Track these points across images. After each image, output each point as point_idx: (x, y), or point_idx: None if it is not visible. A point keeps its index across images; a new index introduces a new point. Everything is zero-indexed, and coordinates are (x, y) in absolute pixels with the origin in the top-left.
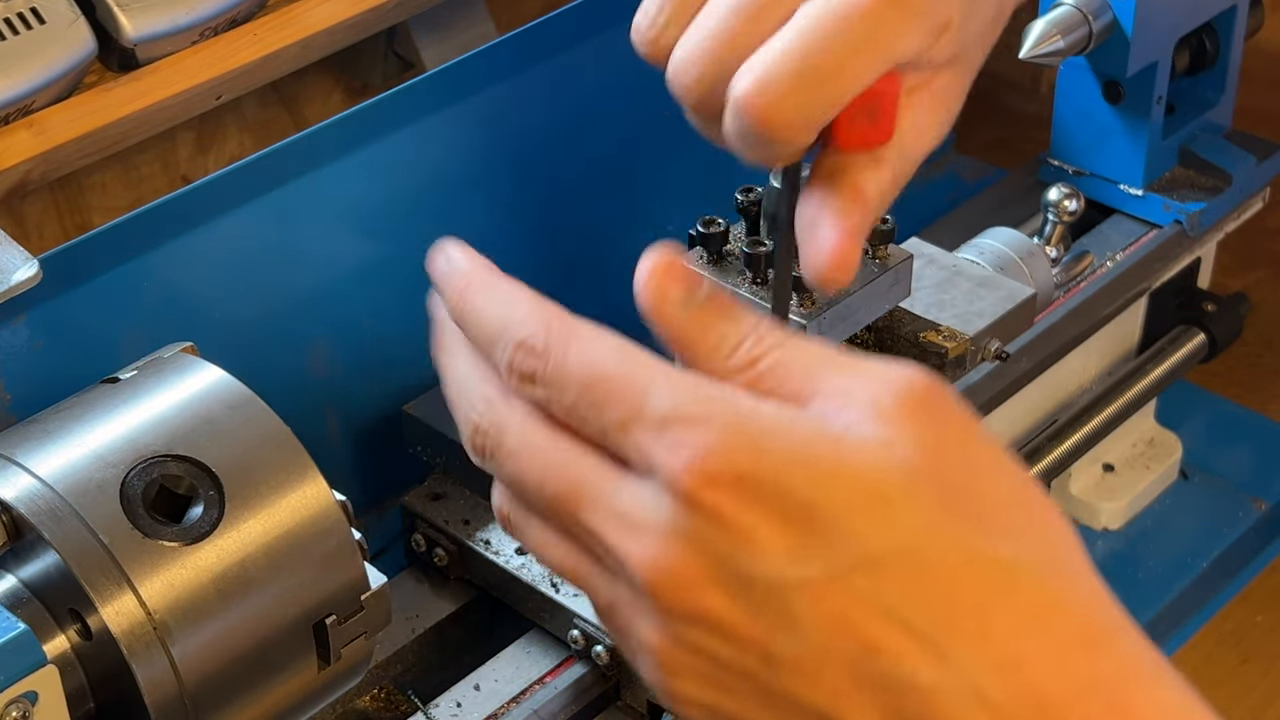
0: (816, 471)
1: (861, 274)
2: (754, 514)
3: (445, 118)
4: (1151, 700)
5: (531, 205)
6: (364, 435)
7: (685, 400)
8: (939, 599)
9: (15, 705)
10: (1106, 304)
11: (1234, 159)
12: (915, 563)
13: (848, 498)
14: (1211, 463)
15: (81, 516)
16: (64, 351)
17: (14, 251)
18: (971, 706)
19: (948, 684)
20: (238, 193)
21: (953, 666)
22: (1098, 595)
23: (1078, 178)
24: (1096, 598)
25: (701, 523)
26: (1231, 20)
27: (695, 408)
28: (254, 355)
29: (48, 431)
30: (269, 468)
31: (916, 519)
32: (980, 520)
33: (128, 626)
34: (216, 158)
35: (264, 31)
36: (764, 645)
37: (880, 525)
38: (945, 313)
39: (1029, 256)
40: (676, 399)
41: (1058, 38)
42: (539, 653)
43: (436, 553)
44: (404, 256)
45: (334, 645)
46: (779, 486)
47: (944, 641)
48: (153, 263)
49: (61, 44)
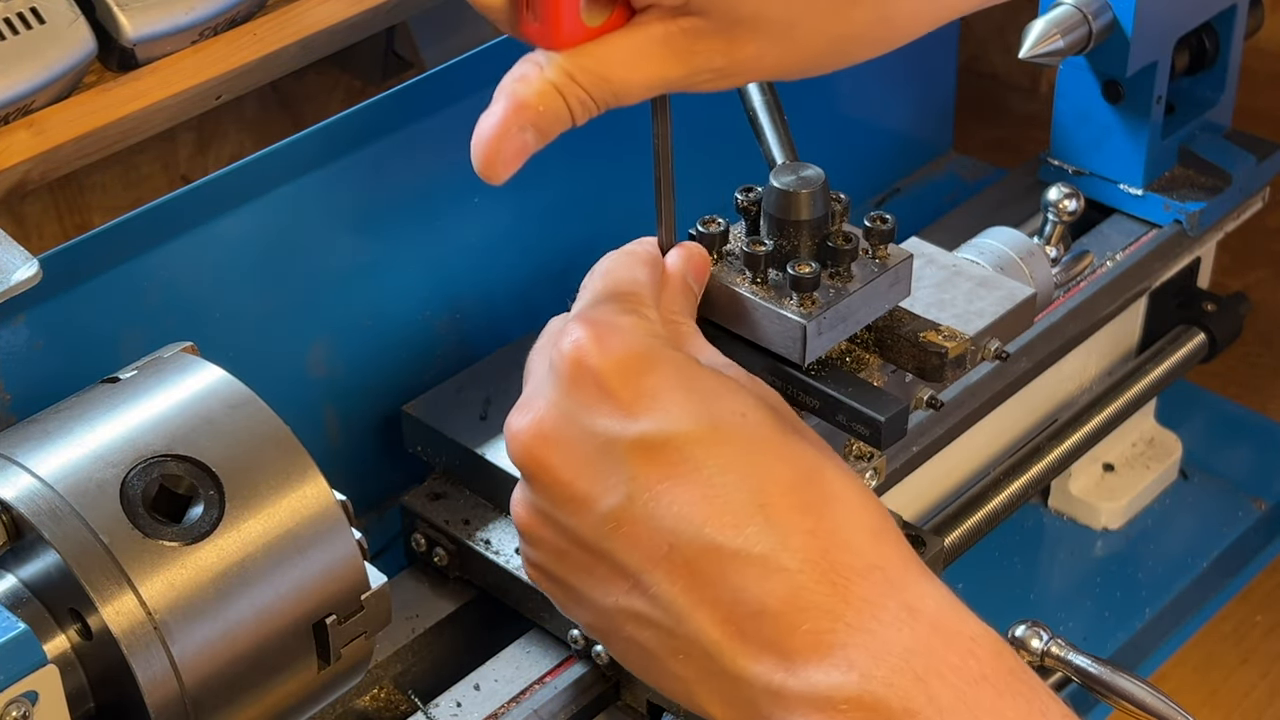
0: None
1: (861, 273)
2: (615, 380)
3: (445, 118)
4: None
5: (531, 205)
6: (364, 435)
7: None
8: (756, 472)
9: (15, 705)
10: (1106, 304)
11: (1234, 159)
12: (743, 440)
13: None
14: (1211, 463)
15: (82, 516)
16: (64, 351)
17: (14, 251)
18: (767, 570)
19: (749, 546)
20: (237, 193)
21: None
22: (878, 504)
23: (1078, 177)
24: (878, 505)
25: (566, 386)
26: (1231, 20)
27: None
28: (254, 355)
29: (48, 431)
30: (269, 468)
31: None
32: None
33: (128, 626)
34: (216, 158)
35: (264, 31)
36: (592, 500)
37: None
38: (945, 312)
39: (1029, 256)
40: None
41: (1057, 37)
42: (539, 653)
43: (436, 553)
44: (404, 256)
45: (334, 645)
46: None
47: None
48: (153, 263)
49: (61, 44)
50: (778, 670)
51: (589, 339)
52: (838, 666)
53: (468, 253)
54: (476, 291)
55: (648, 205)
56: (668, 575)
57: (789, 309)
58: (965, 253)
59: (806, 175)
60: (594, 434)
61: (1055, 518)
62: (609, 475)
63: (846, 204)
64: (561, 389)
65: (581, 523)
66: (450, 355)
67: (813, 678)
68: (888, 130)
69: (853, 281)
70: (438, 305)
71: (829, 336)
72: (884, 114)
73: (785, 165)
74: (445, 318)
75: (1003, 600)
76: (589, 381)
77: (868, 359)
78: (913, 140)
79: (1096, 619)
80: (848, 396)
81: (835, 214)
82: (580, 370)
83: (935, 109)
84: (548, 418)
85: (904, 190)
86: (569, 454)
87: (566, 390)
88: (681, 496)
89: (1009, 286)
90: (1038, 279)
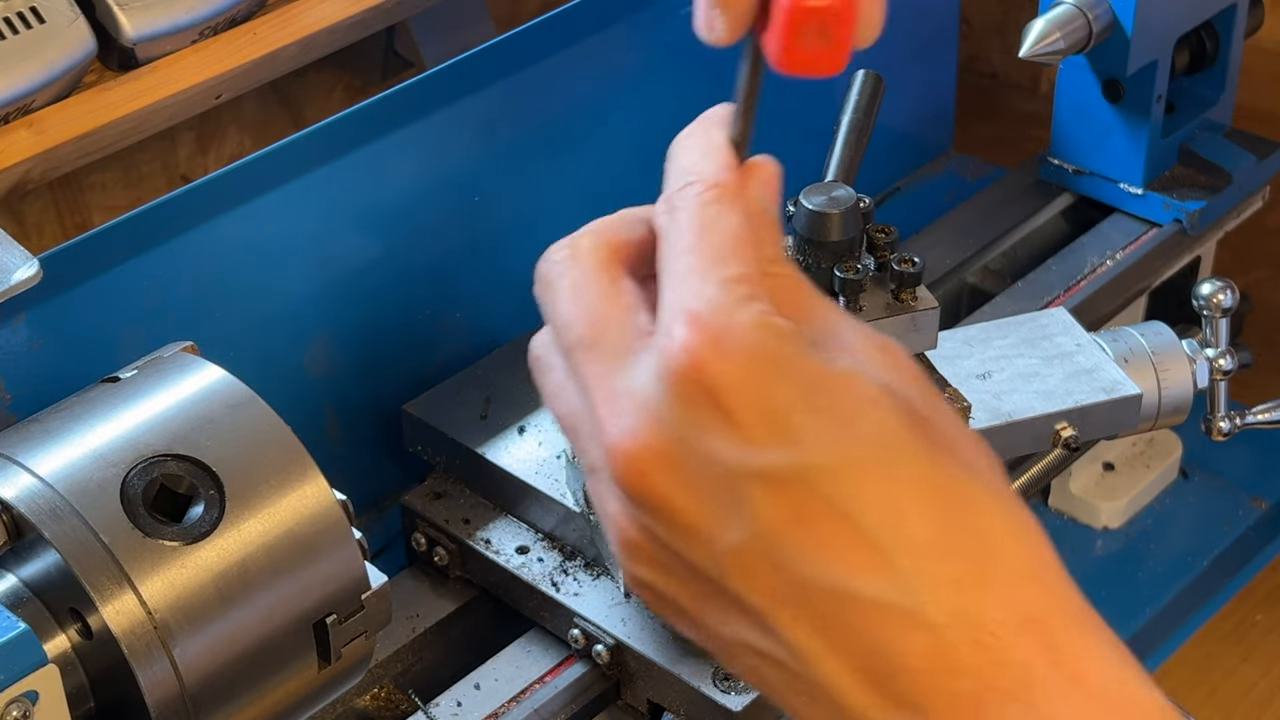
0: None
1: (871, 309)
2: (736, 400)
3: (445, 117)
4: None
5: (530, 205)
6: (364, 435)
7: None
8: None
9: (16, 704)
10: (1106, 303)
11: (1234, 158)
12: (883, 472)
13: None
14: (1211, 462)
15: (82, 516)
16: (63, 351)
17: (14, 251)
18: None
19: (889, 596)
20: (237, 193)
21: (899, 579)
22: (1039, 536)
23: (1077, 176)
24: (1038, 537)
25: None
26: (1231, 19)
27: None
28: (254, 354)
29: (48, 431)
30: (269, 467)
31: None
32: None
33: (128, 626)
34: (216, 157)
35: (264, 31)
36: (710, 534)
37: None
38: (1030, 384)
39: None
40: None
41: (1057, 36)
42: (539, 652)
43: (437, 552)
44: (403, 256)
45: (334, 644)
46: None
47: (895, 553)
48: (153, 263)
49: (61, 43)
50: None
51: (701, 344)
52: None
53: (468, 252)
54: (476, 291)
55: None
56: (795, 619)
57: None
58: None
59: (837, 196)
60: (713, 461)
61: (1055, 517)
62: (730, 509)
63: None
64: (671, 403)
65: (699, 554)
66: (450, 355)
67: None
68: (887, 129)
69: (859, 314)
70: (438, 305)
71: None
72: (884, 113)
73: (816, 185)
74: (445, 318)
75: None
76: (704, 398)
77: None
78: (913, 139)
79: None
80: None
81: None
82: (695, 385)
83: (935, 108)
84: (657, 437)
85: (904, 189)
86: (682, 481)
87: (677, 405)
88: (812, 538)
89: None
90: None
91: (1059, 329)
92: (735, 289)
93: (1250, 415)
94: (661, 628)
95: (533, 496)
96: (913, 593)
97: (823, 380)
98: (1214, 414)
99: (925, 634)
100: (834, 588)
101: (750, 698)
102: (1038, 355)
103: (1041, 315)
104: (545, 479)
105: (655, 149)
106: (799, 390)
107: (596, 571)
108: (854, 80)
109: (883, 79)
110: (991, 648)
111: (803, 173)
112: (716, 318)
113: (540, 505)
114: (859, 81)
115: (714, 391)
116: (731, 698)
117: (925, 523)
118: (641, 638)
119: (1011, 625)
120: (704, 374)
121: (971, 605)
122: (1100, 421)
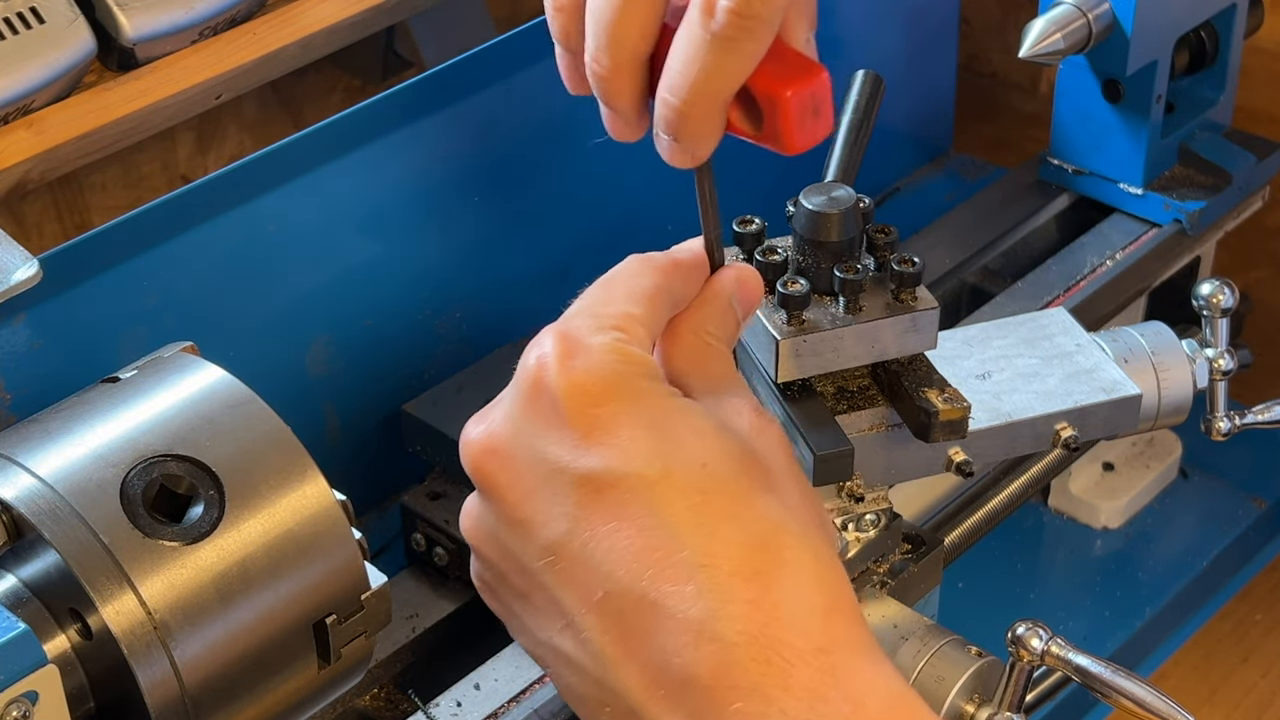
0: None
1: (871, 309)
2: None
3: (444, 117)
4: (866, 675)
5: (530, 205)
6: (364, 435)
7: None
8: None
9: (15, 705)
10: (1106, 303)
11: (1233, 158)
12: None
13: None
14: (1211, 462)
15: (81, 516)
16: (63, 351)
17: (14, 251)
18: (702, 637)
19: (687, 607)
20: (237, 192)
21: (698, 593)
22: (841, 576)
23: (1077, 176)
24: (840, 577)
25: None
26: (1231, 19)
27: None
28: (254, 355)
29: (48, 431)
30: (269, 467)
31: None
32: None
33: (128, 626)
34: (216, 157)
35: (263, 31)
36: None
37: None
38: (1031, 385)
39: (1167, 356)
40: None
41: (1057, 36)
42: None
43: (436, 552)
44: (403, 256)
45: (334, 645)
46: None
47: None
48: (153, 262)
49: (61, 43)
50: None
51: (554, 355)
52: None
53: (468, 252)
54: (476, 291)
55: (648, 204)
56: (599, 622)
57: (775, 323)
58: (1105, 337)
59: (837, 196)
60: (543, 459)
61: (1055, 517)
62: (552, 505)
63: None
64: (519, 404)
65: (523, 548)
66: (450, 355)
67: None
68: (887, 129)
69: (859, 314)
70: (438, 305)
71: (811, 361)
72: (883, 113)
73: (816, 185)
74: (445, 318)
75: (1002, 599)
76: (545, 401)
77: (879, 402)
78: (912, 139)
79: (1096, 618)
80: (798, 422)
81: (858, 240)
82: (538, 388)
83: (935, 108)
84: (501, 432)
85: (904, 190)
86: (516, 474)
87: (523, 406)
88: (622, 543)
89: (1115, 381)
90: (1167, 383)
91: (1059, 329)
92: (603, 320)
93: (1250, 415)
94: None
95: None
96: (710, 608)
97: (659, 405)
98: (1214, 414)
99: (716, 648)
100: (635, 594)
101: None
102: (1037, 355)
103: (1041, 315)
104: None
105: (655, 148)
106: (633, 408)
107: None
108: (854, 80)
109: (882, 79)
110: (780, 669)
111: (803, 173)
112: (574, 336)
113: None
114: (859, 81)
115: (554, 396)
116: None
117: (731, 547)
118: None
119: (801, 651)
120: (548, 380)
121: (764, 628)
122: (1100, 422)
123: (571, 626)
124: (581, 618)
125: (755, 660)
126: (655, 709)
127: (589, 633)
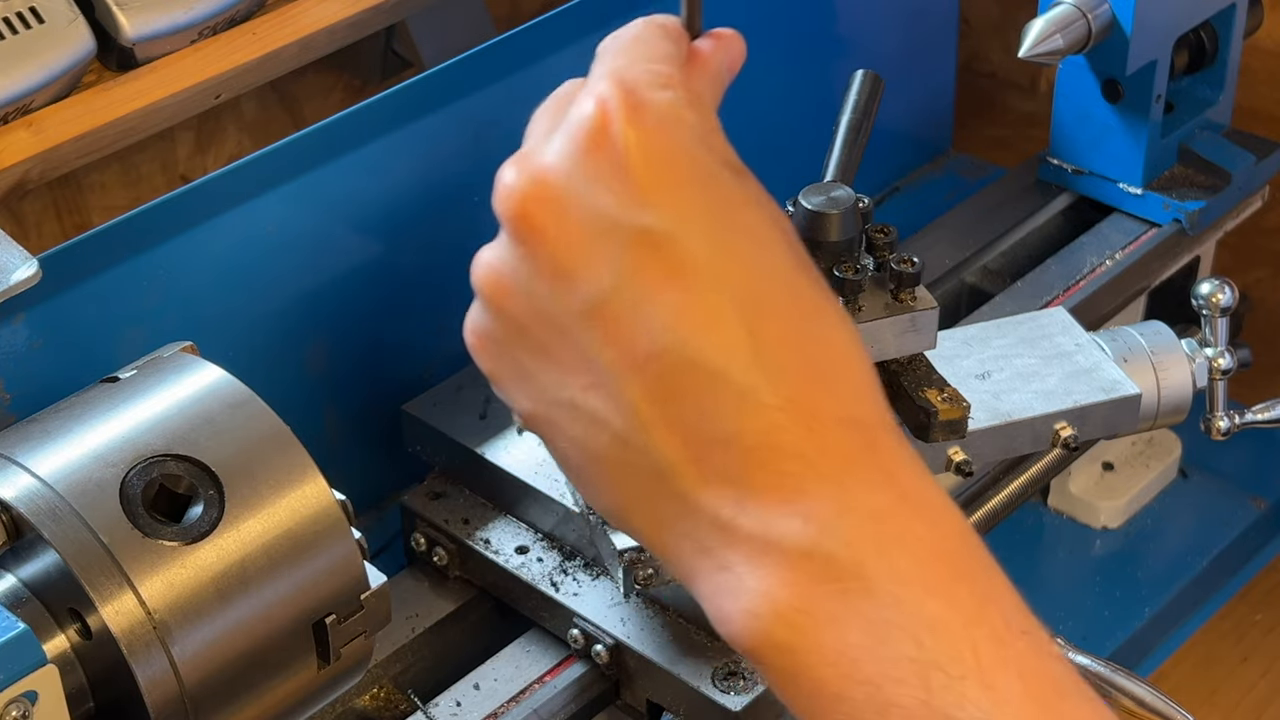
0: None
1: (870, 310)
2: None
3: (444, 117)
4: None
5: None
6: (364, 434)
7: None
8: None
9: (15, 705)
10: (1106, 303)
11: (1233, 158)
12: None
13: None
14: (1211, 461)
15: (81, 516)
16: (63, 351)
17: (13, 251)
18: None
19: (734, 372)
20: (237, 192)
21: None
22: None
23: (1077, 176)
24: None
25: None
26: (1230, 19)
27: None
28: (253, 354)
29: (47, 431)
30: (269, 467)
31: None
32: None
33: (128, 626)
34: (215, 157)
35: (263, 31)
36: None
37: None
38: (1030, 385)
39: (1166, 356)
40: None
41: (1057, 36)
42: (539, 652)
43: (436, 552)
44: (402, 256)
45: (334, 645)
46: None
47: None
48: (152, 262)
49: (60, 43)
50: (731, 504)
51: (620, 106)
52: (798, 514)
53: (468, 252)
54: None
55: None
56: (637, 382)
57: None
58: (1104, 337)
59: (836, 196)
60: (599, 210)
61: (1055, 516)
62: (603, 259)
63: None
64: (575, 151)
65: (558, 302)
66: (450, 355)
67: (767, 518)
68: (887, 129)
69: (858, 314)
70: (437, 305)
71: None
72: (883, 113)
73: (815, 185)
74: (444, 317)
75: None
76: (609, 152)
77: None
78: (912, 139)
79: (1096, 618)
80: None
81: (858, 240)
82: (602, 137)
83: (934, 108)
84: (554, 179)
85: (903, 189)
86: (566, 223)
87: (581, 154)
88: (674, 303)
89: (1114, 380)
90: (1167, 382)
91: (1058, 329)
92: (659, 77)
93: (1249, 415)
94: (661, 628)
95: (532, 496)
96: (756, 373)
97: (719, 172)
98: (1213, 413)
99: (760, 412)
100: (681, 356)
101: (750, 697)
102: (1037, 355)
103: (1041, 315)
104: (544, 479)
105: None
106: (697, 170)
107: (596, 571)
108: (853, 80)
109: (882, 79)
110: (820, 435)
111: (802, 173)
112: (638, 89)
113: (539, 505)
114: (858, 81)
115: (618, 148)
116: (731, 698)
117: (779, 317)
118: (641, 638)
119: (841, 419)
120: (613, 131)
121: (807, 396)
122: (1099, 421)
123: (602, 384)
124: (618, 377)
125: (795, 423)
126: (686, 469)
127: (624, 393)
